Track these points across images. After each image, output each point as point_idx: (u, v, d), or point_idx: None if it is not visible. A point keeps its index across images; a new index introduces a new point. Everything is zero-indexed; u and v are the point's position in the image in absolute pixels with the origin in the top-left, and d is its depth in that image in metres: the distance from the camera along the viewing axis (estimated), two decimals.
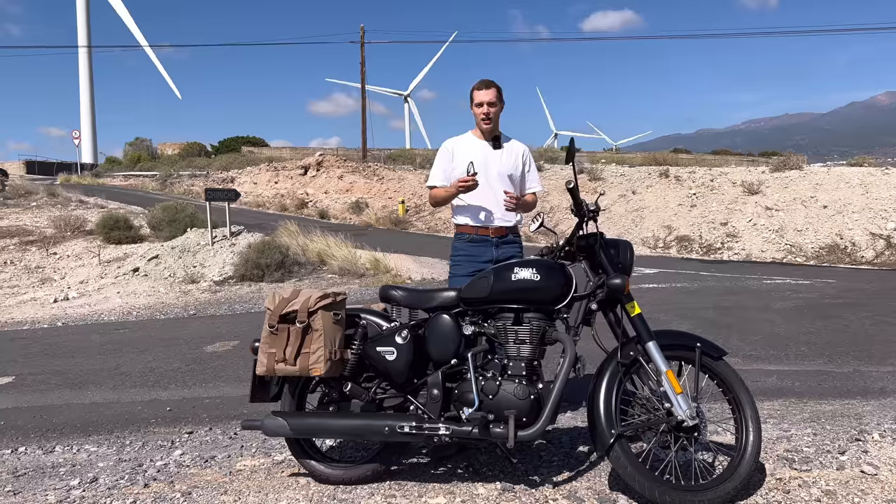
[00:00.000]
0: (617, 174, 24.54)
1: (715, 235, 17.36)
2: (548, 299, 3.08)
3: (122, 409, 5.04)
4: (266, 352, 3.10)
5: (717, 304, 8.81)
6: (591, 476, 3.28)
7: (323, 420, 3.14)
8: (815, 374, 5.44)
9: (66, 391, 5.60)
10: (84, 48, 66.30)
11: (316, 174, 31.67)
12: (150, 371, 6.13)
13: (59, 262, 16.22)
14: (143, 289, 12.49)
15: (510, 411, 2.95)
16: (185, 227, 16.16)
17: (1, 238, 18.40)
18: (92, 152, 65.77)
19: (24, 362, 6.77)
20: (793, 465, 3.34)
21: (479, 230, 3.97)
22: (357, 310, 3.36)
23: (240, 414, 4.77)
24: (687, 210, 19.18)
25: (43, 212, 22.71)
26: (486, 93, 3.89)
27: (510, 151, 4.03)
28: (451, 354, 3.13)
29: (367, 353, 3.17)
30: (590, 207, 3.17)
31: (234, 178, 34.25)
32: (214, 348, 7.00)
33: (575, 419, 4.26)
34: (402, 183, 29.49)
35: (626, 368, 3.02)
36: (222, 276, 12.92)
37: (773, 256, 15.66)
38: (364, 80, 36.08)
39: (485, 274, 3.20)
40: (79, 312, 10.80)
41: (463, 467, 3.44)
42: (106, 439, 4.40)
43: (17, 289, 14.05)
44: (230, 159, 43.32)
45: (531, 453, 3.62)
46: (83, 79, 67.89)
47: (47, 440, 4.44)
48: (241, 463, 3.71)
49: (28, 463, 3.98)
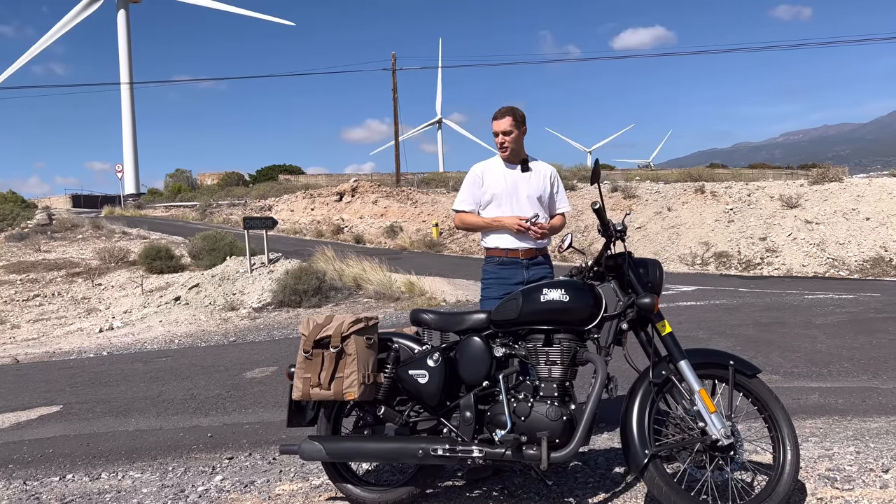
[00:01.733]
0: (651, 191, 24.35)
1: (754, 251, 17.07)
2: (578, 320, 3.09)
3: (164, 436, 5.16)
4: (301, 377, 3.16)
5: (756, 320, 8.66)
6: (626, 497, 3.26)
7: (358, 444, 3.19)
8: (858, 391, 5.31)
9: (112, 419, 5.75)
10: (126, 84, 68.51)
11: (351, 200, 32.08)
12: (192, 398, 6.27)
13: (104, 292, 16.68)
14: (185, 317, 12.76)
15: (542, 433, 2.96)
16: (224, 255, 16.51)
17: (49, 270, 19.01)
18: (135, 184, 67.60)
19: (71, 391, 6.97)
20: (834, 485, 3.27)
21: (509, 252, 4.00)
22: (389, 334, 3.41)
23: (279, 439, 4.85)
24: (724, 225, 18.91)
25: (88, 244, 23.42)
26: (500, 123, 3.96)
27: (538, 173, 4.07)
28: (483, 377, 3.16)
29: (399, 376, 3.21)
30: (616, 227, 3.18)
31: (272, 205, 34.87)
32: (254, 374, 7.12)
33: (611, 440, 4.24)
34: (435, 206, 29.68)
35: (659, 388, 3.01)
36: (261, 303, 13.14)
37: (815, 271, 15.33)
38: (396, 106, 36.58)
39: (514, 296, 3.23)
40: (123, 342, 11.08)
41: (498, 490, 3.45)
42: (149, 465, 4.51)
43: (64, 319, 14.48)
44: (267, 188, 44.15)
45: (566, 475, 3.61)
46: (125, 113, 70.02)
47: (94, 467, 4.56)
48: (280, 487, 3.77)
49: (75, 490, 4.10)
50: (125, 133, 70.04)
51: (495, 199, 4.00)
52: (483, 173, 4.10)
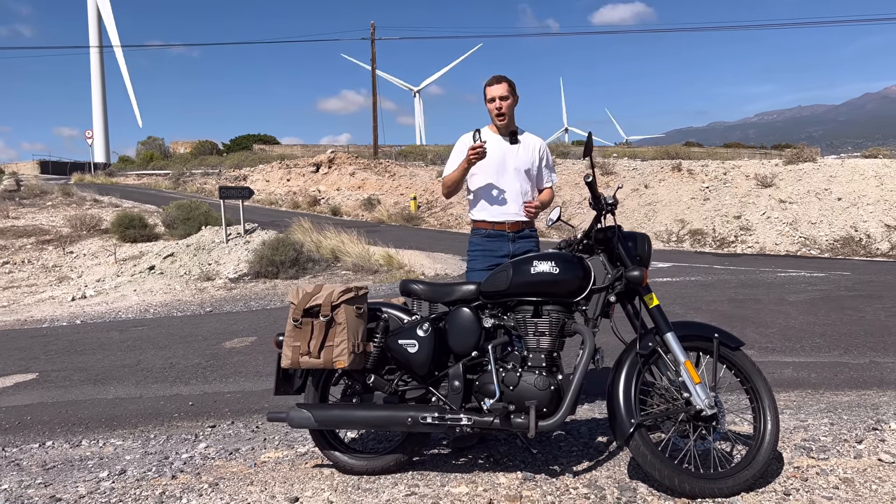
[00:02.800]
0: (629, 168, 24.49)
1: (728, 229, 17.31)
2: (567, 292, 3.12)
3: (144, 405, 5.13)
4: (290, 345, 3.16)
5: (731, 297, 8.81)
6: (610, 465, 3.33)
7: (347, 412, 3.20)
8: (830, 366, 5.45)
9: (89, 387, 5.70)
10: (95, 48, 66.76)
11: (328, 171, 31.80)
12: (171, 367, 6.23)
13: (76, 260, 16.40)
14: (160, 286, 12.61)
15: (531, 402, 3.00)
16: (199, 225, 16.30)
17: (18, 237, 18.62)
18: (105, 152, 66.29)
19: (46, 359, 6.88)
20: (810, 454, 3.37)
21: (495, 225, 4.00)
22: (378, 304, 3.42)
23: (261, 408, 4.86)
24: (700, 204, 19.12)
25: (58, 211, 22.96)
26: (498, 87, 3.90)
27: (527, 146, 4.05)
28: (472, 347, 3.18)
29: (389, 345, 3.23)
30: (608, 201, 3.20)
31: (247, 175, 34.45)
32: (233, 344, 7.09)
33: (592, 410, 4.31)
34: (413, 179, 29.56)
35: (645, 359, 3.06)
36: (237, 274, 13.03)
37: (788, 249, 15.60)
38: (374, 76, 36.15)
39: (504, 267, 3.25)
40: (97, 310, 10.93)
41: (483, 458, 3.49)
42: (131, 433, 4.49)
43: (35, 287, 14.23)
44: (242, 157, 43.55)
45: (550, 444, 3.67)
46: (95, 79, 68.37)
47: (73, 434, 4.53)
48: (265, 455, 3.78)
49: (56, 456, 4.07)
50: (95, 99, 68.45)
51: (482, 170, 3.98)
52: (470, 141, 4.08)
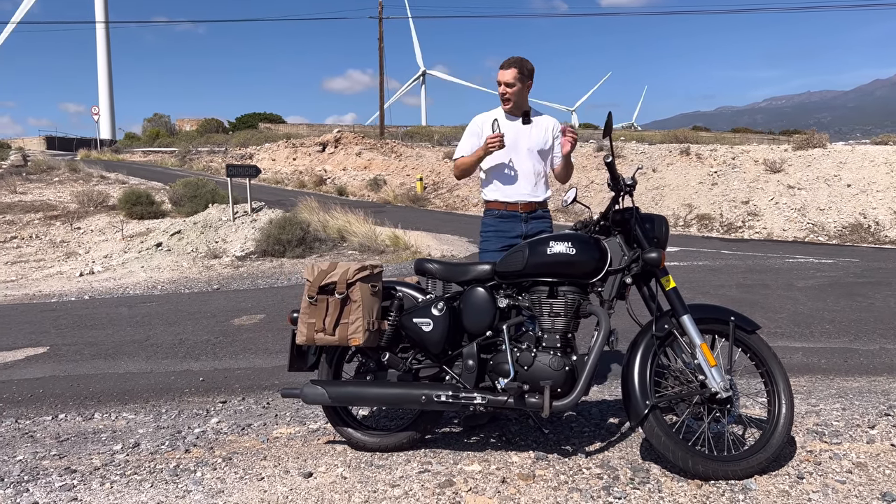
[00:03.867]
0: (637, 151, 24.36)
1: (736, 214, 17.24)
2: (583, 273, 3.11)
3: (155, 380, 5.16)
4: (305, 322, 3.16)
5: (739, 282, 8.79)
6: (622, 446, 3.34)
7: (361, 389, 3.21)
8: (840, 352, 5.44)
9: (100, 361, 5.73)
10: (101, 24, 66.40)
11: (334, 151, 31.72)
12: (181, 343, 6.25)
13: (83, 236, 16.45)
14: (167, 263, 12.64)
15: (545, 382, 3.00)
16: (206, 202, 16.31)
17: (26, 213, 18.67)
18: (111, 128, 66.19)
19: (56, 333, 6.92)
20: (823, 439, 3.37)
21: (508, 206, 3.98)
22: (393, 282, 3.41)
23: (271, 384, 4.88)
24: (708, 188, 19.04)
25: (65, 187, 22.99)
26: (505, 73, 3.88)
27: (539, 126, 4.02)
28: (486, 326, 3.18)
29: (403, 324, 3.23)
30: (626, 182, 3.18)
31: (253, 154, 34.39)
32: (241, 322, 7.11)
33: (602, 392, 4.32)
34: (419, 160, 29.47)
35: (661, 341, 3.06)
36: (244, 252, 13.05)
37: (795, 235, 15.55)
38: (382, 56, 35.93)
39: (520, 247, 3.24)
40: (104, 286, 10.97)
41: (495, 437, 3.51)
42: (142, 407, 4.51)
43: (43, 262, 14.29)
44: (248, 135, 43.44)
45: (562, 424, 3.67)
46: (101, 54, 68.07)
47: (86, 408, 4.56)
48: (278, 431, 3.80)
49: (69, 429, 4.10)
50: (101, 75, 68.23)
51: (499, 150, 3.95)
52: (483, 125, 4.05)
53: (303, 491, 2.91)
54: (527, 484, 2.92)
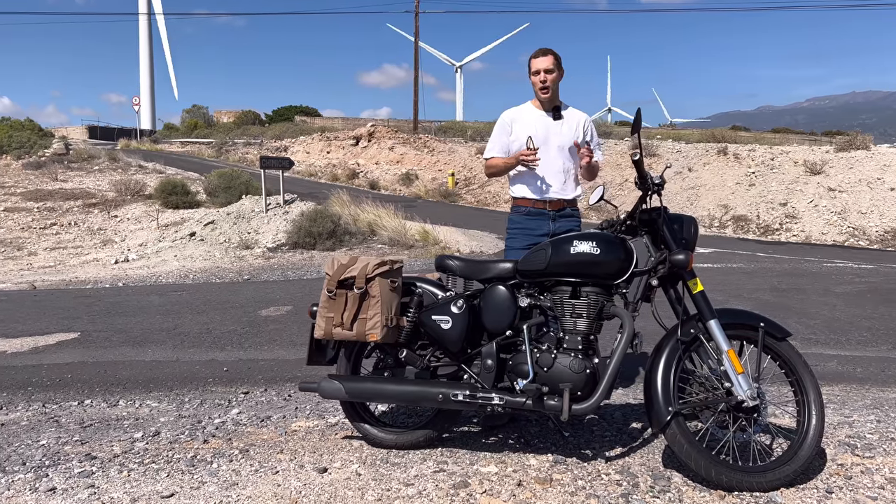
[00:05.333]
0: (673, 150, 23.97)
1: (773, 216, 16.86)
2: (607, 274, 3.03)
3: (181, 368, 5.20)
4: (324, 316, 3.14)
5: (774, 285, 8.57)
6: (644, 453, 3.25)
7: (378, 385, 3.18)
8: (877, 361, 5.26)
9: (128, 348, 5.80)
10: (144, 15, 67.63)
11: (367, 145, 31.84)
12: (208, 332, 6.30)
13: (120, 224, 16.76)
14: (200, 253, 12.80)
15: (565, 384, 2.93)
16: (240, 193, 16.49)
17: (65, 200, 19.09)
18: (151, 118, 67.42)
19: (88, 319, 7.03)
20: (855, 452, 3.24)
21: (535, 203, 3.90)
22: (413, 278, 3.37)
23: (294, 377, 4.88)
24: (745, 189, 18.64)
25: (104, 176, 23.45)
26: (543, 60, 3.78)
27: (570, 122, 3.93)
28: (506, 326, 3.12)
29: (422, 321, 3.18)
30: (655, 180, 3.09)
31: (288, 146, 34.70)
32: (269, 312, 7.15)
33: (627, 396, 4.23)
34: (452, 155, 29.42)
35: (686, 346, 2.97)
36: (275, 243, 13.15)
37: (835, 239, 15.14)
38: (417, 50, 35.91)
39: (543, 246, 3.17)
40: (138, 274, 11.15)
41: (514, 438, 3.45)
42: (166, 396, 4.55)
43: (80, 249, 14.59)
44: (283, 128, 43.85)
45: (583, 428, 3.60)
46: (143, 46, 69.37)
47: (111, 394, 4.62)
48: (296, 424, 3.79)
49: (94, 415, 4.15)
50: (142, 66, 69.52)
51: (523, 146, 3.88)
52: (513, 121, 3.97)
53: (316, 486, 2.89)
54: (543, 488, 2.86)
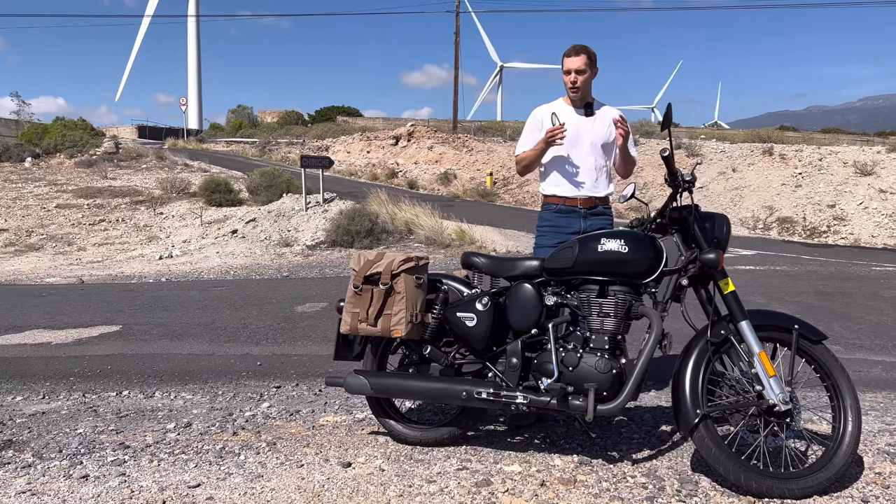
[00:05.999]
0: (717, 150, 23.50)
1: (820, 218, 16.39)
2: (635, 272, 2.98)
3: (216, 362, 5.30)
4: (350, 311, 3.16)
5: (819, 289, 8.33)
6: (672, 456, 3.19)
7: (402, 381, 3.18)
8: None
9: (167, 342, 5.94)
10: (192, 17, 69.12)
11: (406, 144, 31.98)
12: (244, 327, 6.41)
13: (165, 221, 17.15)
14: (241, 250, 13.03)
15: (590, 384, 2.89)
16: (281, 192, 16.72)
17: (114, 197, 19.62)
18: (198, 118, 68.87)
19: (130, 313, 7.22)
20: (894, 460, 3.13)
21: (567, 201, 3.85)
22: (439, 275, 3.37)
23: (325, 372, 4.92)
24: (791, 190, 18.17)
25: (152, 174, 24.03)
26: (575, 60, 3.73)
27: (603, 118, 3.87)
28: (532, 324, 3.09)
29: (447, 318, 3.18)
30: (685, 178, 3.02)
31: (329, 146, 35.08)
32: (304, 309, 7.24)
33: (658, 398, 4.15)
34: (490, 155, 29.36)
35: (716, 347, 2.90)
36: (314, 241, 13.31)
37: (885, 243, 14.65)
38: (458, 50, 35.94)
39: (570, 244, 3.13)
40: (181, 269, 11.40)
41: (540, 438, 3.42)
42: (200, 388, 4.64)
43: (127, 245, 14.99)
44: (325, 128, 44.33)
45: (610, 429, 3.55)
46: (191, 48, 70.91)
47: (148, 386, 4.73)
48: (324, 418, 3.83)
49: (130, 406, 4.26)
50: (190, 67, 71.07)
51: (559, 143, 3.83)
52: (543, 119, 3.92)
53: (339, 480, 2.91)
54: (566, 489, 2.82)
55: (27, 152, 27.87)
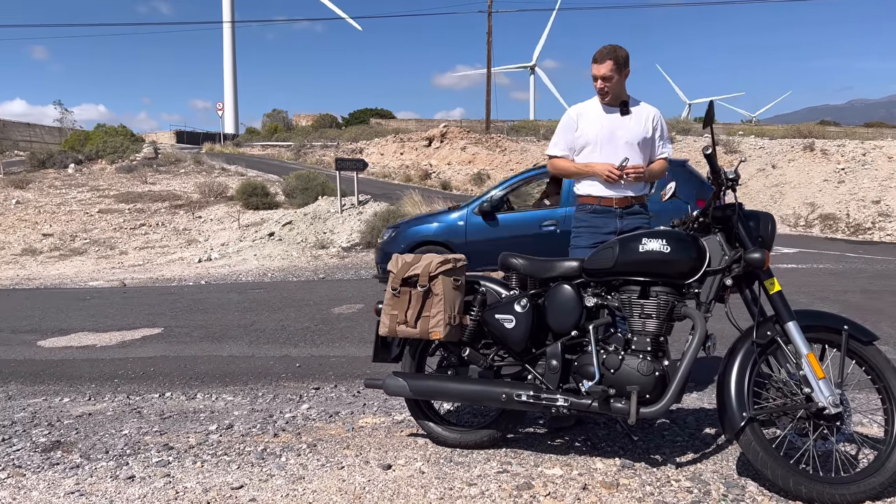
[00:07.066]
0: (755, 147, 23.06)
1: (865, 214, 15.96)
2: (678, 273, 2.92)
3: (256, 364, 5.37)
4: (388, 313, 3.16)
5: (864, 287, 8.11)
6: (717, 459, 3.12)
7: (441, 383, 3.18)
8: None
9: (207, 344, 6.03)
10: (228, 23, 70.20)
11: (440, 146, 32.01)
12: (282, 329, 6.48)
13: (204, 225, 17.44)
14: (278, 252, 13.18)
15: (632, 387, 2.85)
16: (316, 195, 16.89)
17: (154, 202, 20.01)
18: (234, 123, 69.92)
19: (171, 315, 7.36)
20: None
21: (602, 200, 3.79)
22: (477, 276, 3.35)
23: (364, 373, 4.95)
24: (833, 186, 17.74)
25: (190, 178, 24.46)
26: (601, 67, 3.66)
27: (639, 116, 3.80)
28: (572, 326, 3.06)
29: (485, 319, 3.16)
30: (728, 175, 2.96)
31: (363, 149, 35.30)
32: (341, 310, 7.29)
33: (701, 400, 4.08)
34: (524, 154, 29.23)
35: (762, 349, 2.83)
36: (350, 243, 13.40)
37: None
38: (490, 50, 35.85)
39: (610, 244, 3.09)
40: (220, 272, 11.58)
41: (581, 441, 3.38)
42: (241, 390, 4.70)
43: (167, 248, 15.27)
44: (359, 131, 44.63)
45: (653, 432, 3.49)
46: (227, 53, 72.01)
47: (190, 388, 4.80)
48: (363, 420, 3.84)
49: (173, 407, 4.33)
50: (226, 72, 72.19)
51: (590, 144, 3.77)
52: (578, 117, 3.87)
53: (380, 483, 2.91)
54: (609, 493, 2.78)
55: (70, 159, 28.63)
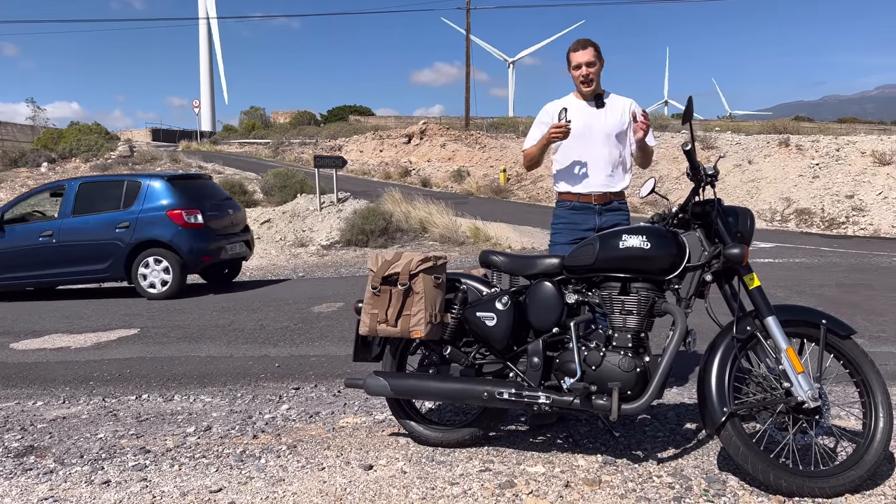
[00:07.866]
0: (732, 142, 23.27)
1: (839, 209, 16.20)
2: (658, 269, 2.92)
3: (234, 364, 5.30)
4: (368, 312, 3.13)
5: (839, 281, 8.22)
6: (698, 455, 3.14)
7: (422, 382, 3.15)
8: None
9: (185, 344, 5.94)
10: (203, 20, 69.42)
11: (419, 143, 31.95)
12: (261, 329, 6.41)
13: None
14: (256, 251, 13.04)
15: (614, 383, 2.84)
16: (295, 192, 16.76)
17: None
18: (211, 120, 69.19)
19: (147, 316, 7.25)
20: None
21: (580, 197, 3.79)
22: (457, 274, 3.33)
23: (344, 373, 4.90)
24: (808, 181, 17.98)
25: None
26: (584, 53, 3.67)
27: (614, 108, 3.80)
28: (553, 323, 3.05)
29: (466, 317, 3.14)
30: (707, 171, 2.97)
31: (342, 146, 35.11)
32: (321, 309, 7.23)
33: (682, 395, 4.10)
34: (503, 151, 29.26)
35: (742, 344, 2.84)
36: (329, 241, 13.32)
37: None
38: (469, 46, 35.86)
39: (591, 240, 3.08)
40: None
41: (563, 438, 3.38)
42: (219, 391, 4.63)
43: None
44: (338, 128, 44.41)
45: (634, 428, 3.50)
46: (203, 50, 71.23)
47: (167, 389, 4.73)
48: (344, 420, 3.81)
49: (150, 409, 4.26)
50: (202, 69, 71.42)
51: (566, 139, 3.78)
52: (554, 112, 3.87)
53: (361, 484, 2.88)
54: (591, 489, 2.78)
55: (43, 157, 28.15)
